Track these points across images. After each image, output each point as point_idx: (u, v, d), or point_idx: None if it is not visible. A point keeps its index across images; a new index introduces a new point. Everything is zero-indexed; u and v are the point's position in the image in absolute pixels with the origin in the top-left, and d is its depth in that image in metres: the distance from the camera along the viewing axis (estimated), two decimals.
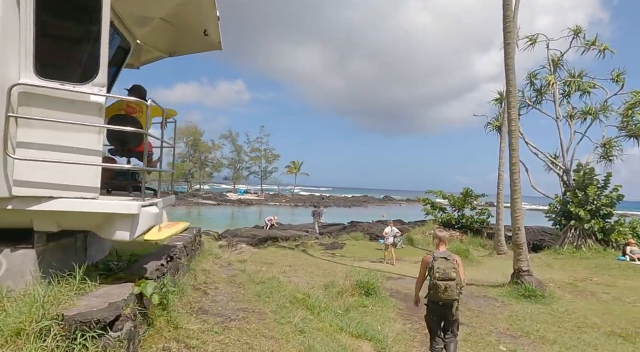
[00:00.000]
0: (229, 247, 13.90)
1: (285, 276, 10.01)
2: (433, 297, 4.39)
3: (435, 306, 4.46)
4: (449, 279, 4.27)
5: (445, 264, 4.35)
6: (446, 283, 4.26)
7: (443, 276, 4.27)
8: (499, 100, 19.27)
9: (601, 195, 14.89)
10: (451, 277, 4.27)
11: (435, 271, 4.31)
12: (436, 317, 4.54)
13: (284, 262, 12.31)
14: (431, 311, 4.55)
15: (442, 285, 4.25)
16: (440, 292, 4.27)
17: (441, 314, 4.51)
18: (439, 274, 4.28)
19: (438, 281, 4.27)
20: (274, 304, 5.73)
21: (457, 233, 20.30)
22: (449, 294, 4.29)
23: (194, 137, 69.68)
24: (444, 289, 4.26)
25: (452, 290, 4.29)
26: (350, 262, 13.23)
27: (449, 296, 4.31)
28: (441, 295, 4.28)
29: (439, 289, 4.27)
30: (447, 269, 4.31)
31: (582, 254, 14.24)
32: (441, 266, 4.34)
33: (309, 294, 7.42)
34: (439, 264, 4.36)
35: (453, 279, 4.28)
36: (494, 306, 8.20)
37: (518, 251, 9.20)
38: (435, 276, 4.29)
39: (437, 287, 4.28)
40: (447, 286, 4.26)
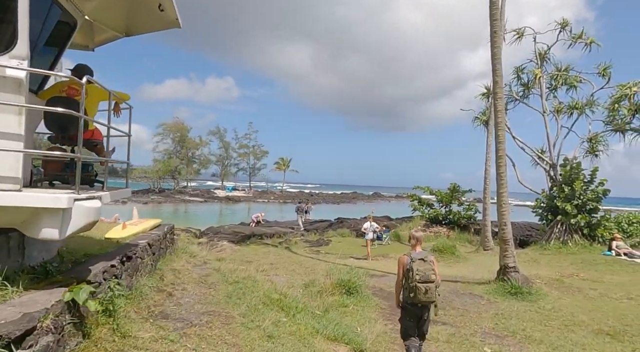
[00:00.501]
0: (209, 245, 13.44)
1: (264, 274, 9.61)
2: (413, 300, 4.26)
3: (414, 308, 4.34)
4: (429, 282, 4.18)
5: (424, 266, 4.24)
6: (426, 285, 4.16)
7: (423, 278, 4.16)
8: (486, 94, 19.06)
9: (587, 190, 14.78)
10: (431, 279, 4.19)
11: (415, 273, 4.18)
12: (413, 318, 4.42)
13: (265, 260, 11.90)
14: (408, 313, 4.43)
15: (423, 288, 4.15)
16: (421, 294, 4.16)
17: (418, 315, 4.40)
18: (419, 277, 4.16)
19: (418, 283, 4.16)
20: (245, 306, 5.33)
21: (444, 229, 20.13)
22: (429, 296, 4.20)
23: (180, 133, 68.56)
24: (425, 291, 4.16)
25: (432, 292, 4.20)
26: (335, 260, 12.89)
27: (429, 298, 4.22)
28: (421, 297, 4.18)
29: (419, 292, 4.16)
30: (427, 271, 4.21)
31: (569, 249, 14.12)
32: (420, 267, 4.22)
33: (286, 294, 7.05)
34: (417, 266, 4.23)
35: (433, 281, 4.20)
36: (479, 304, 7.93)
37: (504, 247, 8.94)
38: (415, 279, 4.17)
39: (417, 289, 4.16)
40: (428, 289, 4.17)
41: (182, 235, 14.85)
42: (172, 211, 42.36)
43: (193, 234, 15.86)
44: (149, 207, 45.35)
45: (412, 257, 4.33)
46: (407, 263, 4.31)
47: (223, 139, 75.34)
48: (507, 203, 8.89)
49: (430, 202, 21.97)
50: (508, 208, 8.94)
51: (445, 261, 13.14)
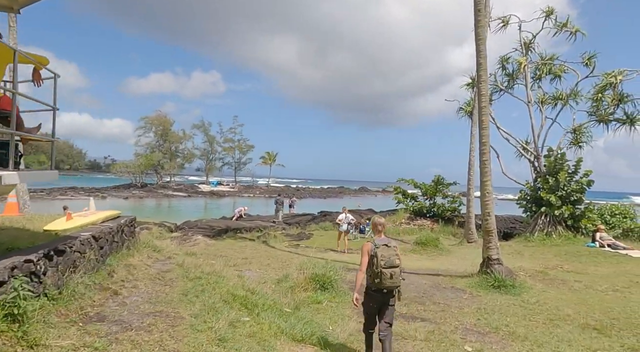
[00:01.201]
0: (181, 239, 12.78)
1: (235, 269, 9.06)
2: (378, 285, 4.22)
3: (378, 294, 4.30)
4: (394, 266, 4.20)
5: (389, 252, 4.23)
6: (392, 270, 4.18)
7: (388, 263, 4.17)
8: (471, 84, 18.72)
9: (571, 181, 14.58)
10: (395, 264, 4.21)
11: (380, 259, 4.18)
12: (377, 304, 4.39)
13: (240, 255, 11.33)
14: (372, 299, 4.36)
15: (388, 273, 4.16)
16: (386, 279, 4.16)
17: (382, 301, 4.36)
18: (384, 262, 4.16)
19: (384, 268, 4.15)
20: (200, 305, 4.77)
21: (428, 222, 19.82)
22: (393, 281, 4.21)
23: (163, 126, 67.05)
24: (390, 276, 4.16)
25: (397, 277, 4.22)
26: (314, 254, 12.38)
27: (393, 283, 4.22)
28: (386, 282, 4.17)
29: (385, 276, 4.16)
30: (391, 256, 4.21)
31: (553, 241, 13.92)
32: (385, 253, 4.21)
33: (253, 290, 6.52)
34: (382, 252, 4.22)
35: (397, 266, 4.22)
36: (461, 298, 7.52)
37: (487, 238, 8.56)
38: (380, 264, 4.17)
39: (382, 274, 4.16)
40: (393, 273, 4.18)
41: (155, 229, 14.16)
42: (152, 206, 41.30)
43: (167, 228, 15.15)
44: (129, 202, 44.15)
45: (376, 243, 4.30)
46: (372, 249, 4.26)
47: (207, 133, 74.12)
48: (490, 193, 8.49)
49: (415, 195, 21.65)
50: (492, 198, 8.55)
51: (428, 254, 12.78)
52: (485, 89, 8.19)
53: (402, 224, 19.59)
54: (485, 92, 8.22)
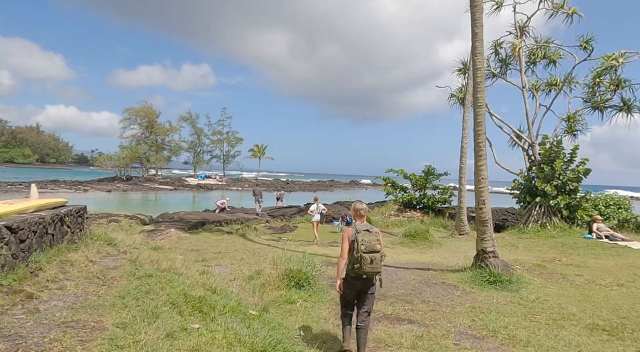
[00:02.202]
0: (153, 232, 11.82)
1: (204, 264, 8.16)
2: (357, 271, 4.07)
3: (357, 281, 4.15)
4: (374, 252, 4.04)
5: (369, 237, 4.08)
6: (372, 255, 4.02)
7: (369, 248, 4.02)
8: (463, 70, 17.95)
9: (567, 169, 13.92)
10: (376, 249, 4.05)
11: (360, 244, 4.03)
12: (355, 291, 4.23)
13: (213, 249, 10.43)
14: (351, 286, 4.21)
15: (369, 257, 4.01)
16: (366, 264, 4.01)
17: (361, 288, 4.21)
18: (364, 247, 4.02)
19: (364, 253, 4.01)
20: (136, 311, 3.88)
21: (417, 214, 19.12)
22: (374, 266, 4.03)
23: (149, 118, 65.33)
24: (370, 261, 4.01)
25: (378, 262, 4.06)
26: (296, 247, 11.54)
27: (374, 269, 4.04)
28: (366, 268, 4.01)
29: (365, 262, 4.00)
30: (372, 241, 4.06)
31: (547, 232, 13.26)
32: (365, 238, 4.06)
33: (215, 290, 5.64)
34: (363, 237, 4.06)
35: (378, 251, 4.06)
36: (453, 296, 6.74)
37: (482, 229, 7.78)
38: (360, 249, 4.02)
39: (362, 259, 4.01)
40: (373, 259, 4.02)
41: (124, 221, 13.17)
42: (135, 199, 40.05)
43: (139, 220, 14.16)
44: (111, 195, 42.82)
45: (357, 228, 4.15)
46: (352, 235, 4.12)
47: (195, 125, 72.57)
48: (485, 178, 7.70)
49: (404, 187, 20.91)
50: (487, 184, 7.76)
51: (418, 247, 12.03)
52: (481, 62, 7.36)
53: (391, 216, 18.85)
54: (481, 65, 7.40)
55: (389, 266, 8.96)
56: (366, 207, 4.49)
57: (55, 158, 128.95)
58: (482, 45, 7.36)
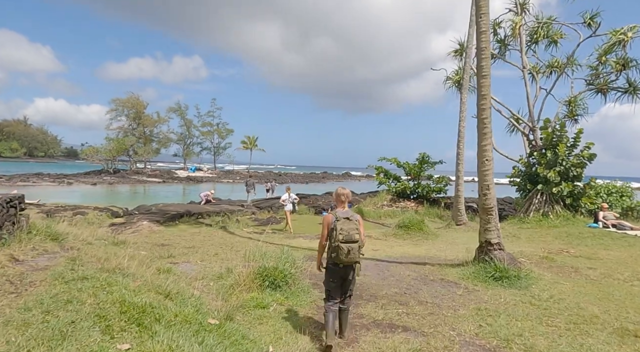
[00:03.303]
0: (123, 225, 10.78)
1: (171, 261, 7.16)
2: (335, 260, 3.97)
3: (337, 269, 4.04)
4: (352, 242, 3.87)
5: (349, 225, 3.90)
6: (349, 246, 3.85)
7: (346, 238, 3.85)
8: (459, 51, 16.97)
9: (570, 155, 13.07)
10: (354, 239, 3.88)
11: (339, 233, 3.87)
12: (337, 279, 4.10)
13: (187, 243, 9.43)
14: (331, 273, 4.10)
15: (345, 248, 3.84)
16: (343, 255, 3.86)
17: (342, 276, 4.08)
18: (342, 236, 3.86)
19: (341, 243, 3.85)
20: (38, 330, 2.88)
21: (412, 204, 18.25)
22: (351, 257, 3.89)
23: (136, 109, 63.58)
24: (347, 252, 3.85)
25: (355, 253, 3.89)
26: (279, 240, 10.59)
27: (351, 259, 3.90)
28: (343, 258, 3.87)
29: (342, 252, 3.85)
30: (351, 230, 3.88)
31: (550, 222, 12.44)
32: (344, 226, 3.89)
33: (171, 293, 4.66)
34: (342, 225, 3.89)
35: (356, 241, 3.89)
36: (454, 295, 5.82)
37: (486, 218, 6.85)
38: (338, 239, 3.86)
39: (339, 249, 3.85)
40: (350, 249, 3.86)
41: (92, 214, 12.11)
42: (121, 192, 38.74)
43: (111, 213, 13.09)
44: (96, 188, 41.47)
45: (337, 215, 3.98)
46: (332, 222, 3.97)
47: (184, 117, 70.96)
48: (490, 160, 6.76)
49: (398, 176, 20.00)
50: (492, 167, 6.83)
51: (412, 239, 11.13)
52: (486, 25, 6.39)
53: (383, 207, 17.95)
54: (486, 28, 6.43)
55: (380, 261, 8.04)
56: (348, 192, 4.23)
57: (44, 152, 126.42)
58: (488, 4, 6.37)
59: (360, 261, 4.00)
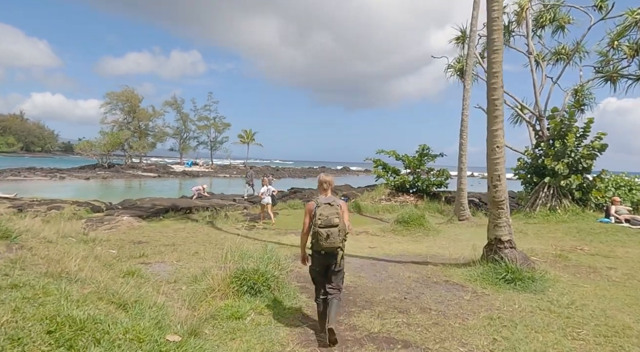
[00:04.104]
0: (100, 221, 10.02)
1: (142, 261, 6.41)
2: (315, 246, 3.78)
3: (319, 256, 3.83)
4: (331, 226, 3.64)
5: (329, 210, 3.69)
6: (328, 230, 3.63)
7: (325, 222, 3.64)
8: (461, 39, 16.17)
9: (579, 145, 12.33)
10: (333, 223, 3.64)
11: (318, 218, 3.67)
12: (319, 267, 3.90)
13: (168, 240, 8.68)
14: (314, 261, 3.90)
15: (324, 232, 3.63)
16: (322, 240, 3.65)
17: (324, 264, 3.85)
18: (320, 221, 3.65)
19: (320, 228, 3.64)
20: None
21: (411, 198, 17.52)
22: (330, 241, 3.65)
23: (131, 102, 62.49)
24: (326, 236, 3.64)
25: (335, 237, 3.64)
26: (270, 237, 9.85)
27: (330, 244, 3.66)
28: (322, 243, 3.67)
29: (321, 237, 3.65)
30: (330, 215, 3.66)
31: (558, 217, 11.74)
32: (324, 212, 3.68)
33: (126, 303, 3.92)
34: (321, 211, 3.69)
35: (336, 225, 3.65)
36: (461, 300, 5.10)
37: (496, 213, 6.11)
38: (316, 224, 3.67)
39: (318, 235, 3.66)
40: (329, 234, 3.63)
41: (69, 209, 11.35)
42: (113, 186, 37.94)
43: (88, 208, 12.32)
44: (89, 182, 40.65)
45: (319, 202, 3.80)
46: (313, 209, 3.78)
47: (180, 110, 69.91)
48: (502, 146, 6.01)
49: (397, 169, 19.25)
50: (503, 155, 6.07)
51: (412, 235, 10.40)
52: None
53: (381, 201, 17.22)
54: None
55: (377, 259, 7.31)
56: (331, 179, 4.06)
57: (41, 146, 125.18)
58: None
59: (342, 247, 3.76)
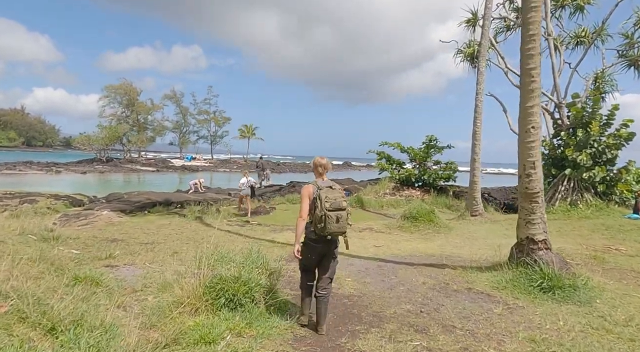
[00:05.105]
0: (78, 215, 9.09)
1: (108, 264, 5.45)
2: (321, 232, 3.43)
3: (320, 244, 3.53)
4: (341, 209, 3.42)
5: (334, 193, 3.46)
6: (338, 213, 3.39)
7: (334, 205, 3.39)
8: (472, 21, 15.08)
9: (603, 134, 11.30)
10: (342, 206, 3.44)
11: (325, 201, 3.39)
12: (316, 256, 3.60)
13: (148, 237, 7.73)
14: (312, 250, 3.57)
15: (334, 216, 3.37)
16: (332, 224, 3.37)
17: (323, 252, 3.60)
18: (329, 204, 3.38)
19: (329, 211, 3.36)
20: None
21: (417, 192, 16.55)
22: (340, 225, 3.41)
23: (129, 95, 61.50)
24: (337, 219, 3.38)
25: (344, 221, 3.44)
26: (263, 234, 8.90)
27: (340, 228, 3.42)
28: (332, 227, 3.37)
29: (330, 220, 3.36)
30: (337, 198, 3.43)
31: (580, 212, 10.75)
32: (329, 195, 3.43)
33: (54, 326, 2.96)
34: (326, 193, 3.43)
35: (344, 208, 3.46)
36: (491, 315, 4.13)
37: (530, 207, 5.11)
38: (325, 207, 3.38)
39: (328, 218, 3.36)
40: (340, 217, 3.40)
41: (43, 202, 10.41)
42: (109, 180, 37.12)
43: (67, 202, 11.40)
44: (85, 176, 39.84)
45: (319, 185, 3.54)
46: (314, 192, 3.51)
47: (180, 104, 68.90)
48: (537, 126, 4.98)
49: (401, 161, 18.26)
50: (539, 137, 5.06)
51: (421, 232, 9.43)
52: None
53: (386, 195, 16.25)
54: None
55: (385, 261, 6.35)
56: (327, 163, 3.77)
57: (42, 141, 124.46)
58: None
59: (346, 231, 3.51)
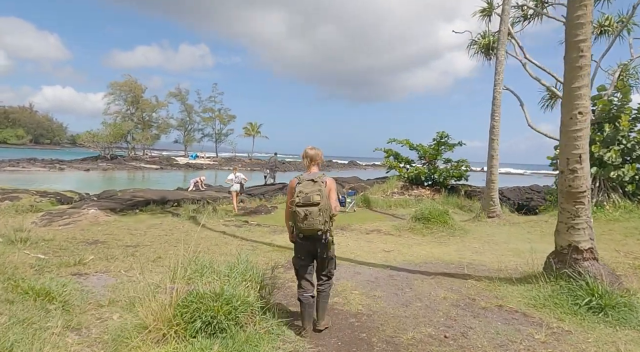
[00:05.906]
0: (61, 214, 8.40)
1: (76, 272, 4.72)
2: (295, 229, 3.29)
3: (301, 241, 3.31)
4: (310, 205, 3.13)
5: (311, 188, 3.20)
6: (306, 209, 3.12)
7: (304, 200, 3.15)
8: (486, 11, 14.21)
9: (633, 130, 10.40)
10: (313, 201, 3.13)
11: (296, 196, 3.21)
12: (304, 255, 3.37)
13: (132, 239, 6.99)
14: (299, 248, 3.37)
15: (302, 212, 3.13)
16: (299, 220, 3.15)
17: (309, 251, 3.34)
18: (298, 199, 3.18)
19: (297, 207, 3.16)
20: None
21: (427, 191, 15.71)
22: (309, 222, 3.12)
23: (134, 93, 61.13)
24: (304, 216, 3.12)
25: (314, 217, 3.11)
26: (261, 236, 8.14)
27: (309, 226, 3.14)
28: (300, 225, 3.16)
29: (298, 217, 3.15)
30: (311, 192, 3.17)
31: (607, 214, 9.85)
32: (305, 189, 3.20)
33: None
34: (302, 188, 3.22)
35: (316, 204, 3.13)
36: (532, 342, 3.33)
37: (573, 209, 4.29)
38: (294, 202, 3.20)
39: (296, 215, 3.17)
40: (308, 213, 3.12)
41: (27, 200, 9.75)
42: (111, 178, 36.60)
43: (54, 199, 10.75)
44: (88, 174, 39.42)
45: (301, 178, 3.35)
46: (295, 185, 3.32)
47: (185, 102, 68.49)
48: (587, 112, 4.14)
49: (410, 159, 17.43)
50: (588, 124, 4.23)
51: (434, 235, 8.61)
52: None
53: (394, 195, 15.43)
54: None
55: (397, 269, 5.56)
56: (315, 153, 3.45)
57: (50, 139, 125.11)
58: None
59: (325, 230, 3.17)
